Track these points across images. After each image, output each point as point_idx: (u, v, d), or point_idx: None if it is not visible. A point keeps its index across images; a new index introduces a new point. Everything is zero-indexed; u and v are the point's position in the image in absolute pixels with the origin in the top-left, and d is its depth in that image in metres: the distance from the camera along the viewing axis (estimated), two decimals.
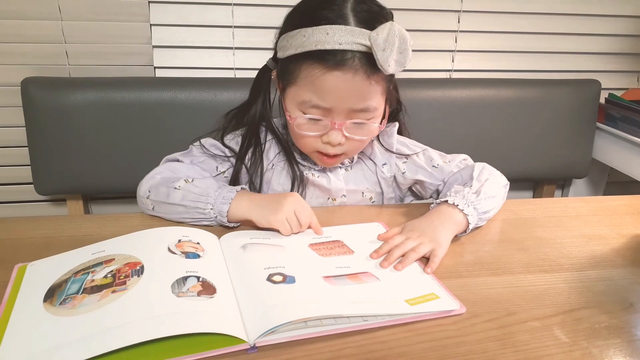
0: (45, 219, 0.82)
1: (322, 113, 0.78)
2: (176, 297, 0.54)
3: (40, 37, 1.21)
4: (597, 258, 0.72)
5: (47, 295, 0.57)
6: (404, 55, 0.71)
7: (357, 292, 0.60)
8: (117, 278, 0.57)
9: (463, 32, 1.41)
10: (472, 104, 1.36)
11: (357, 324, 0.54)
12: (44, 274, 0.61)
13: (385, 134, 0.92)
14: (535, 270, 0.68)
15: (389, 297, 0.59)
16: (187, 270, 0.59)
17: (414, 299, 0.59)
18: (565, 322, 0.57)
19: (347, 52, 0.72)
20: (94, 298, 0.55)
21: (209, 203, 0.75)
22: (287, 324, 0.52)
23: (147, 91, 1.20)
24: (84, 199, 1.30)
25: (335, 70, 0.73)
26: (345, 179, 0.91)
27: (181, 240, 0.67)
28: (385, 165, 0.92)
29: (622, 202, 0.93)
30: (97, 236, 0.70)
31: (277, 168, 0.90)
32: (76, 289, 0.57)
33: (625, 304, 0.61)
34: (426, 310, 0.57)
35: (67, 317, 0.52)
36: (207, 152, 0.88)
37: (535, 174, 1.48)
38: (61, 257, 0.65)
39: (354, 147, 0.83)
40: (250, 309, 0.55)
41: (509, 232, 0.80)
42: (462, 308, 0.58)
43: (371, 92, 0.76)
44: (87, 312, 0.52)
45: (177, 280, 0.57)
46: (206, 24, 1.28)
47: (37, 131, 1.16)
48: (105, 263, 0.61)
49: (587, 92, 1.42)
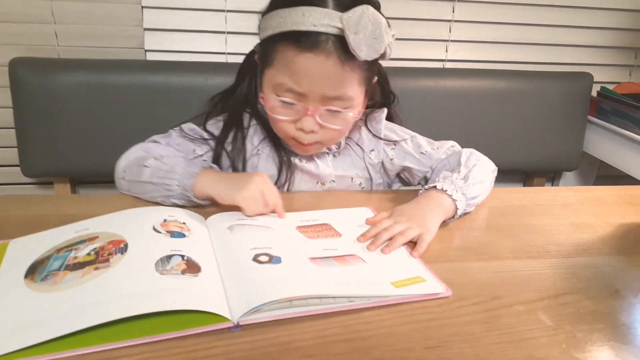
0: (31, 197, 0.82)
1: (296, 97, 0.76)
2: (160, 275, 0.54)
3: (29, 17, 1.19)
4: (584, 245, 0.72)
5: (28, 271, 0.56)
6: (378, 41, 0.70)
7: (343, 273, 0.60)
8: (101, 255, 0.57)
9: (457, 22, 1.41)
10: (465, 95, 1.36)
11: (342, 305, 0.54)
12: (26, 251, 0.60)
13: (374, 120, 0.91)
14: (522, 256, 0.68)
15: (375, 279, 0.59)
16: (171, 248, 0.59)
17: (399, 281, 0.59)
18: (550, 307, 0.57)
19: (321, 35, 0.71)
20: (76, 275, 0.54)
21: (175, 179, 0.73)
22: (272, 303, 0.51)
23: (137, 74, 1.18)
24: (71, 182, 1.28)
25: (308, 52, 0.72)
26: (334, 164, 0.90)
27: (167, 220, 0.66)
28: (373, 151, 0.91)
29: (610, 192, 0.93)
30: (83, 216, 0.68)
31: (262, 154, 0.89)
32: (58, 265, 0.56)
33: (610, 290, 0.61)
34: (411, 292, 0.57)
35: (48, 293, 0.52)
36: (186, 135, 0.87)
37: (526, 166, 1.49)
38: (44, 234, 0.64)
39: (330, 136, 0.82)
40: (234, 288, 0.54)
41: (498, 219, 0.80)
42: (448, 291, 0.58)
43: (346, 79, 0.75)
44: (69, 289, 0.52)
45: (162, 258, 0.56)
46: (199, 7, 1.26)
47: (24, 112, 1.15)
48: (88, 241, 0.60)
49: (579, 85, 1.42)
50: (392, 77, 1.32)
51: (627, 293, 0.60)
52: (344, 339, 0.49)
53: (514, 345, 0.50)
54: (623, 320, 0.55)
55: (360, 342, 0.49)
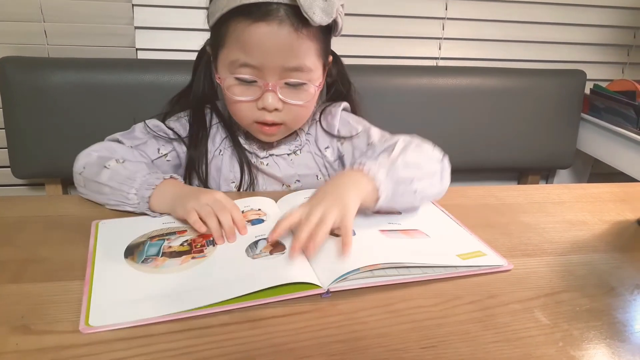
0: (21, 198, 0.80)
1: (253, 73, 0.74)
2: (252, 259, 0.60)
3: (17, 15, 1.17)
4: (580, 243, 0.72)
5: (126, 252, 0.61)
6: (329, 3, 0.69)
7: (412, 245, 0.65)
8: (194, 247, 0.62)
9: (451, 19, 1.40)
10: (458, 93, 1.36)
11: (416, 276, 0.59)
12: (118, 234, 0.65)
13: (329, 114, 0.89)
14: (518, 254, 0.67)
15: (442, 251, 0.64)
16: (256, 235, 0.65)
17: (465, 254, 0.64)
18: (546, 305, 0.56)
19: (271, 4, 0.70)
20: (175, 261, 0.59)
21: (134, 187, 0.70)
22: (355, 272, 0.56)
23: (128, 73, 1.17)
24: (62, 183, 1.27)
25: (260, 21, 0.71)
26: (296, 164, 0.88)
27: (243, 211, 0.71)
28: (328, 148, 0.89)
29: (605, 190, 0.93)
30: (77, 216, 0.68)
31: (226, 154, 0.87)
32: (155, 251, 0.61)
33: (606, 287, 0.61)
34: (478, 264, 0.62)
35: (151, 274, 0.57)
36: (150, 131, 0.84)
37: (520, 164, 1.49)
38: (129, 220, 0.69)
39: (293, 115, 0.79)
40: (319, 260, 0.59)
41: (493, 217, 0.79)
42: (510, 265, 0.63)
43: (302, 48, 0.73)
44: (171, 273, 0.57)
45: (250, 245, 0.63)
46: (191, 5, 1.25)
47: (14, 112, 1.13)
48: (178, 233, 0.66)
49: (572, 82, 1.42)
50: (385, 75, 1.33)
51: (622, 290, 0.60)
52: (340, 340, 0.49)
53: (511, 343, 0.50)
54: (619, 317, 0.55)
55: (356, 343, 0.48)
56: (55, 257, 0.60)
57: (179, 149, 0.87)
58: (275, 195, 0.79)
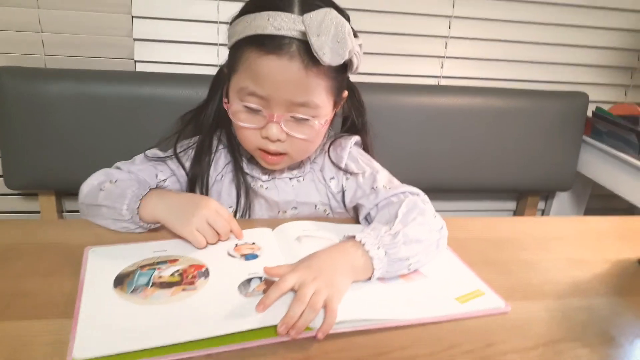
0: (13, 222, 0.79)
1: (260, 102, 0.74)
2: (245, 297, 0.59)
3: (15, 25, 1.15)
4: (580, 285, 0.70)
5: (116, 282, 0.60)
6: (341, 45, 0.68)
7: (409, 291, 0.64)
8: (185, 277, 0.62)
9: (454, 38, 1.39)
10: (459, 112, 1.34)
11: (413, 319, 0.59)
12: (108, 261, 0.65)
13: (339, 146, 0.88)
14: (517, 296, 0.66)
15: (440, 295, 0.64)
16: (249, 272, 0.64)
17: (463, 296, 0.64)
18: (545, 355, 0.55)
19: (284, 38, 0.70)
20: (165, 292, 0.59)
21: (125, 203, 0.72)
22: (351, 323, 0.56)
23: (126, 85, 1.15)
24: (56, 194, 1.25)
25: (271, 54, 0.70)
26: (297, 190, 0.87)
27: (238, 244, 0.71)
28: (333, 179, 0.88)
29: (605, 225, 0.91)
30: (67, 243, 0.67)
31: (226, 179, 0.87)
32: (145, 281, 0.61)
33: (606, 336, 0.59)
34: (476, 308, 0.62)
35: (140, 305, 0.56)
36: (150, 159, 0.86)
37: (519, 185, 1.48)
38: (121, 247, 0.69)
39: (297, 148, 0.79)
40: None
41: (492, 253, 0.78)
42: (507, 307, 0.63)
43: (311, 85, 0.73)
44: (160, 304, 0.57)
45: (242, 282, 0.62)
46: (190, 18, 1.23)
47: (9, 122, 1.12)
48: (170, 262, 0.65)
49: (574, 104, 1.41)
50: (385, 93, 1.32)
51: (623, 340, 0.59)
52: None
53: None
54: None
55: None
56: (40, 290, 0.59)
57: (178, 174, 0.86)
58: (271, 223, 0.78)
